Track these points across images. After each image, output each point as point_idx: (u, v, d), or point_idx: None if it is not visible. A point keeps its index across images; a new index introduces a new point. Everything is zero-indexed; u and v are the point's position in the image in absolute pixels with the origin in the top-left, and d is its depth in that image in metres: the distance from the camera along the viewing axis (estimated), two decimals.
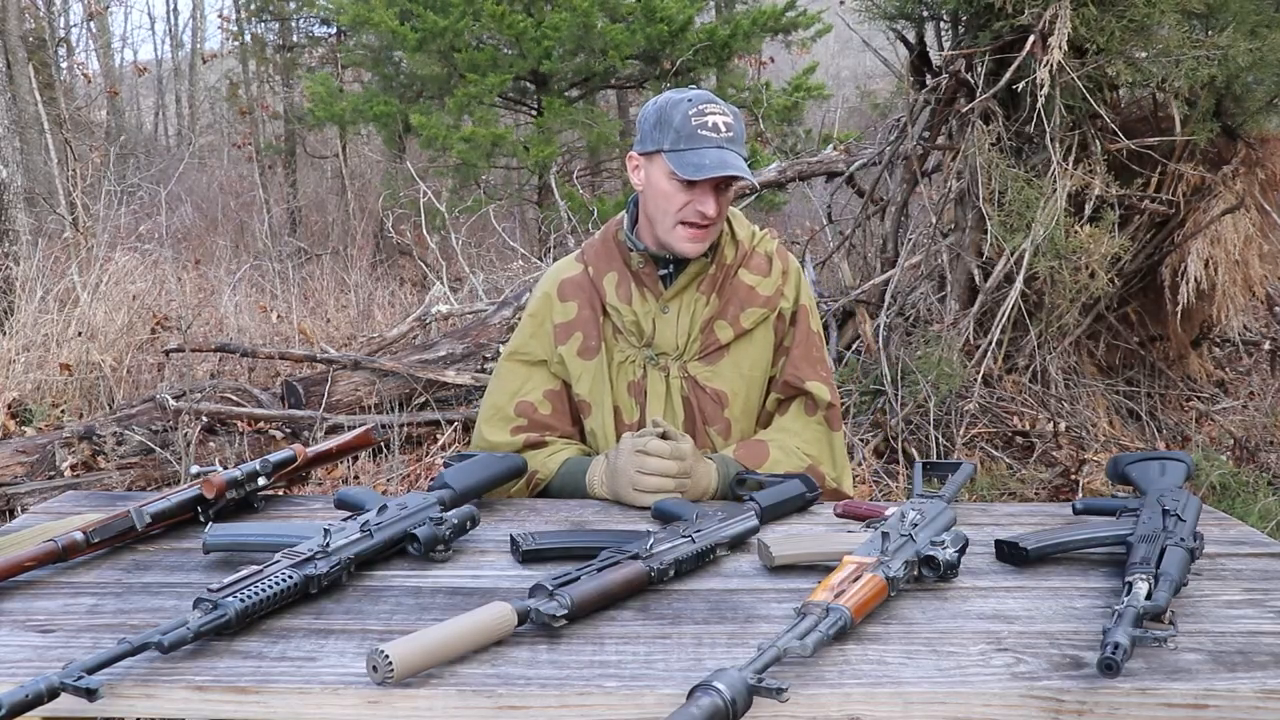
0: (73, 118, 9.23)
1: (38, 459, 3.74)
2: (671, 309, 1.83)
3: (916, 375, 3.76)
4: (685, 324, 1.83)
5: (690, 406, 1.84)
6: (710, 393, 1.84)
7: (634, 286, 1.84)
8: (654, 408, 1.83)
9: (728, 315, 1.84)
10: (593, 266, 1.89)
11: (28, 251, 5.70)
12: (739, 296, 1.84)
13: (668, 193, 1.74)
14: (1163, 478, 1.56)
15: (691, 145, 1.70)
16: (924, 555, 1.30)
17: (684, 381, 1.84)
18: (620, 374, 1.86)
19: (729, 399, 1.84)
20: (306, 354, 4.58)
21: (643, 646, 1.14)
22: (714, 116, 1.72)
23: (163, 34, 25.22)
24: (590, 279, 1.88)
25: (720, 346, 1.84)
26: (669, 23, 7.09)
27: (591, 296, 1.87)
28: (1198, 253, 3.96)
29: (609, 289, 1.85)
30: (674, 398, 1.84)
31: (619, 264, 1.86)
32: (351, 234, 8.68)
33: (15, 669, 1.08)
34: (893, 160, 4.46)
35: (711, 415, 1.84)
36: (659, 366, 1.84)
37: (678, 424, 1.83)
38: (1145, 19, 3.60)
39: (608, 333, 1.86)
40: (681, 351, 1.83)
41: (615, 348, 1.86)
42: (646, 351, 1.84)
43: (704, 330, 1.83)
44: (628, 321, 1.84)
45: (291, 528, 1.42)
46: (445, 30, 6.85)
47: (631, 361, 1.85)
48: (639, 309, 1.83)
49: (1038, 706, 1.04)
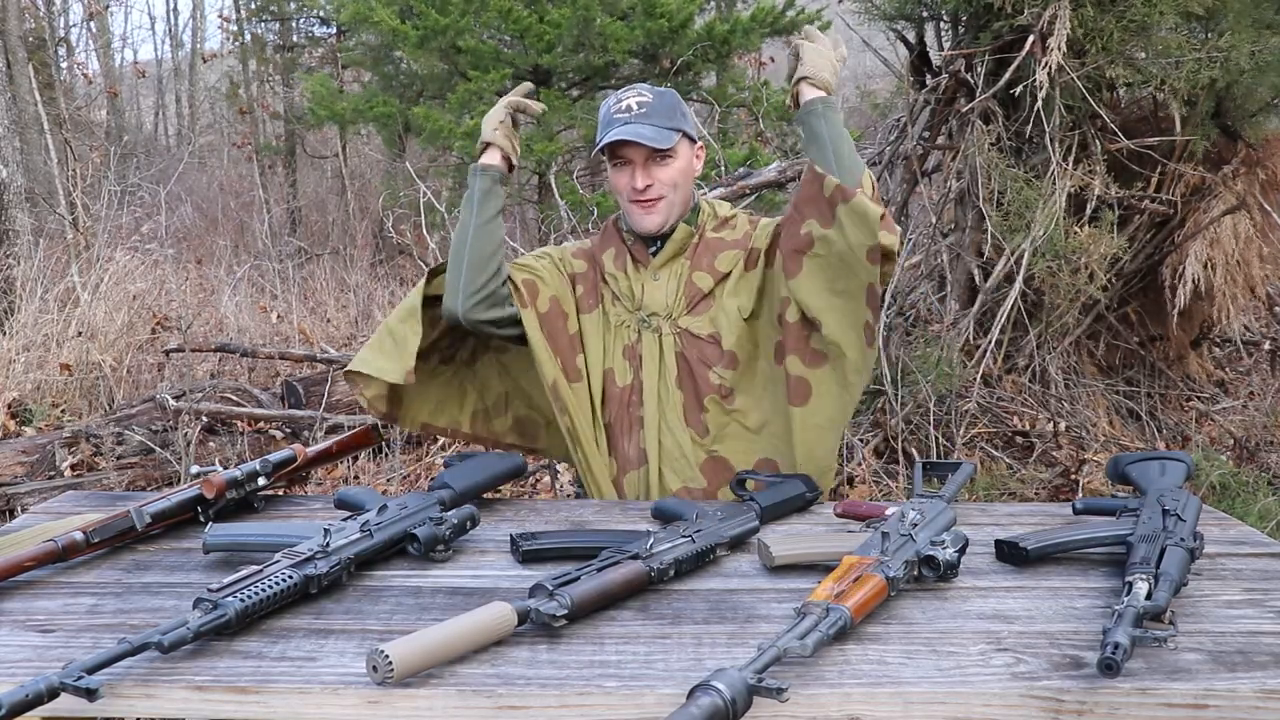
0: (73, 118, 9.23)
1: (38, 459, 3.74)
2: (661, 275, 1.96)
3: (916, 375, 3.75)
4: (672, 286, 1.95)
5: (685, 361, 1.92)
6: (705, 337, 1.92)
7: (628, 259, 1.99)
8: (649, 369, 1.92)
9: (703, 266, 1.95)
10: (596, 245, 2.06)
11: (28, 251, 5.71)
12: (710, 248, 1.96)
13: (612, 178, 1.93)
14: (1163, 478, 1.56)
15: (606, 129, 1.87)
16: (924, 555, 1.30)
17: (676, 337, 1.93)
18: (616, 337, 1.96)
19: (721, 335, 1.91)
20: (306, 354, 4.58)
21: (643, 646, 1.14)
22: (628, 99, 1.88)
23: (163, 34, 25.19)
24: (593, 253, 2.05)
25: (704, 295, 1.93)
26: (669, 18, 7.09)
27: (594, 264, 2.03)
28: (1197, 253, 3.95)
29: (607, 261, 2.00)
30: (667, 357, 1.93)
31: (616, 242, 2.02)
32: (351, 234, 8.68)
33: (15, 669, 1.08)
34: (893, 160, 4.46)
35: (711, 355, 1.91)
36: (651, 328, 1.94)
37: (670, 380, 1.92)
38: (1145, 20, 3.60)
39: (605, 298, 1.99)
40: (671, 310, 1.94)
41: (611, 311, 1.98)
42: (639, 314, 1.95)
43: (686, 285, 1.94)
44: (622, 287, 1.97)
45: (291, 528, 1.42)
46: (447, 28, 6.84)
47: (626, 325, 1.96)
48: (632, 276, 1.97)
49: (1038, 706, 1.04)
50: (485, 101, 7.00)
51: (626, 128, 1.84)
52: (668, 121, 1.87)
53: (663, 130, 1.85)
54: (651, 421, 1.90)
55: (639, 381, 1.93)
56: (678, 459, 1.89)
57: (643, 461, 1.90)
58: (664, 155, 1.87)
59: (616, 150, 1.89)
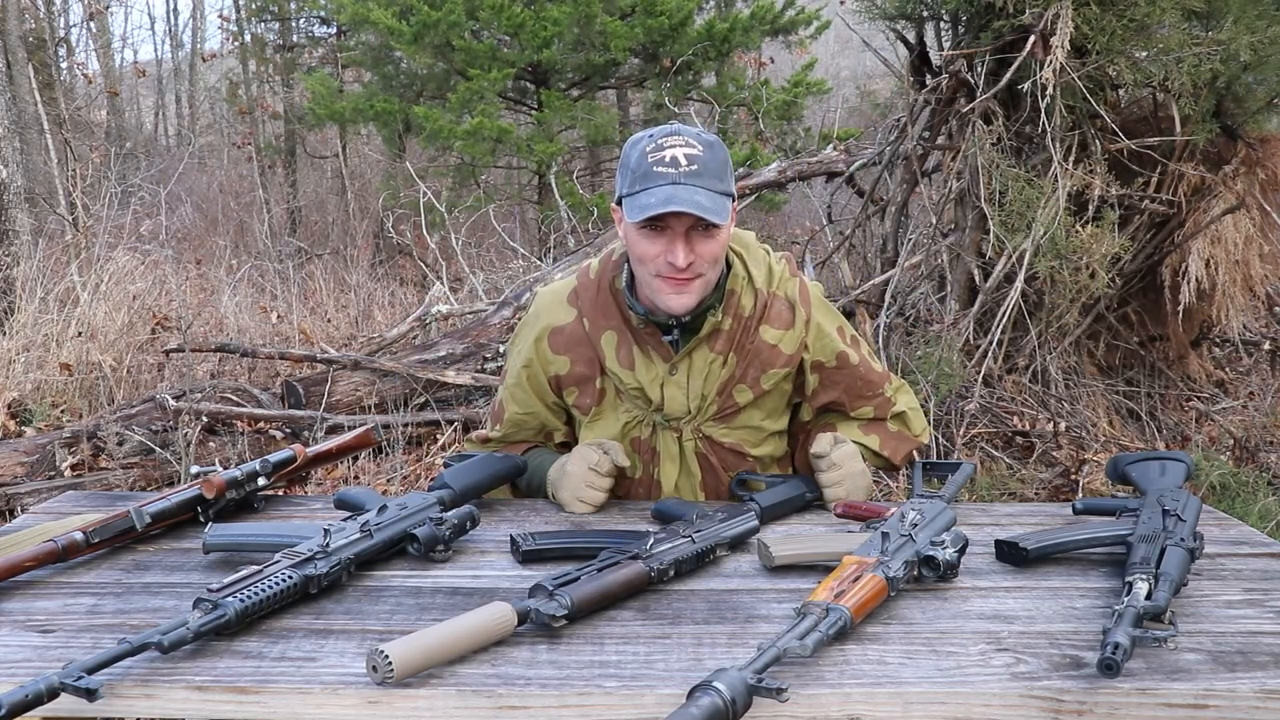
0: (72, 118, 9.23)
1: (38, 459, 3.74)
2: (681, 370, 1.65)
3: (917, 375, 3.75)
4: (698, 386, 1.66)
5: (707, 462, 1.74)
6: (728, 446, 1.74)
7: (636, 349, 1.66)
8: (666, 470, 1.73)
9: (747, 379, 1.67)
10: (588, 319, 1.68)
11: (28, 251, 5.71)
12: (761, 358, 1.66)
13: (636, 243, 1.55)
14: (1163, 478, 1.56)
15: (644, 185, 1.49)
16: (924, 555, 1.30)
17: (699, 441, 1.72)
18: (624, 433, 1.72)
19: (748, 447, 1.75)
20: (306, 354, 4.58)
21: (643, 646, 1.14)
22: (672, 150, 1.50)
23: (163, 34, 25.23)
24: (586, 334, 1.68)
25: (738, 409, 1.71)
26: (669, 17, 7.09)
27: (588, 355, 1.69)
28: (1198, 253, 3.95)
29: (608, 351, 1.67)
30: (689, 459, 1.73)
31: (617, 321, 1.66)
32: (351, 234, 8.68)
33: (15, 669, 1.08)
34: (893, 160, 4.46)
35: (734, 463, 1.76)
36: (670, 429, 1.71)
37: (694, 482, 1.74)
38: (1146, 19, 3.60)
39: (610, 393, 1.71)
40: (694, 415, 1.69)
41: (620, 407, 1.71)
42: (656, 416, 1.71)
43: (721, 393, 1.67)
44: (631, 388, 1.67)
45: (291, 528, 1.42)
46: (439, 23, 6.84)
47: (639, 422, 1.72)
48: (644, 376, 1.66)
49: (1038, 706, 1.04)
50: (485, 101, 7.00)
51: (678, 190, 1.46)
52: (720, 184, 1.51)
53: (717, 197, 1.49)
54: None
55: (654, 480, 1.75)
56: None
57: None
58: (711, 226, 1.51)
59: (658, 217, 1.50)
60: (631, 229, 1.54)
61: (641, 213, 1.48)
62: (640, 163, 1.52)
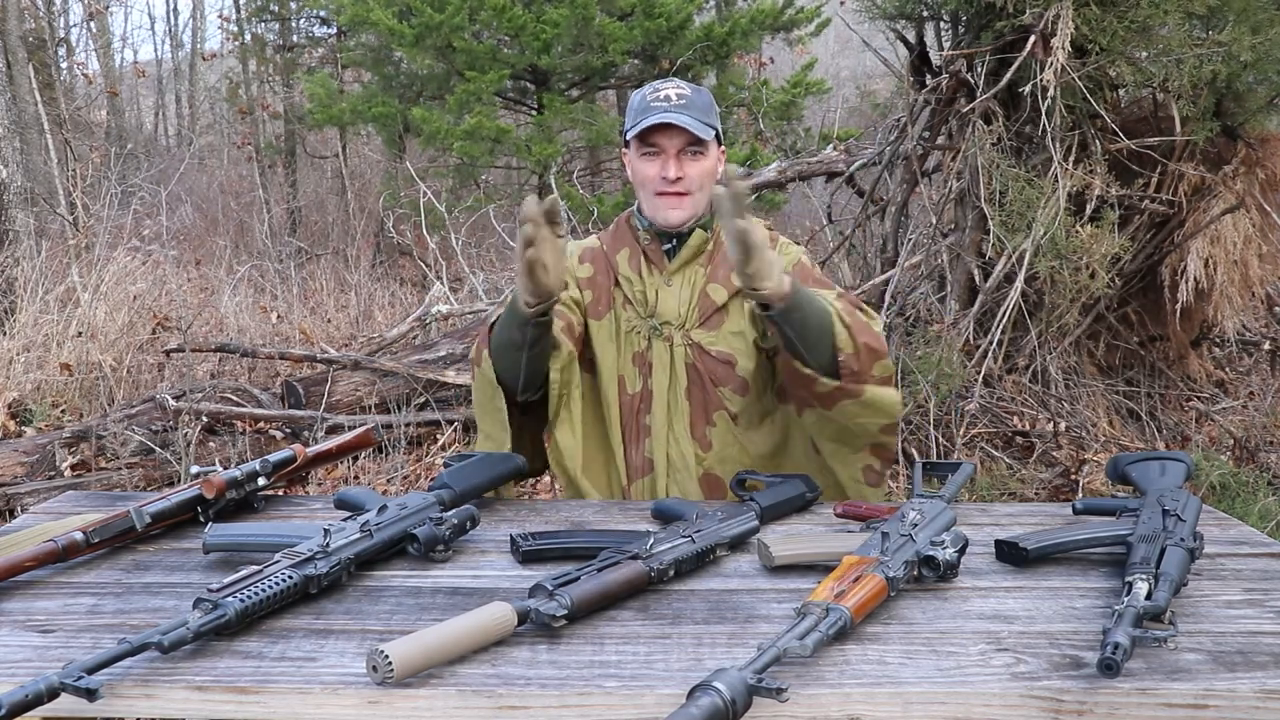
0: (72, 118, 9.23)
1: (38, 459, 3.74)
2: (674, 281, 1.91)
3: (916, 375, 3.75)
4: (686, 294, 1.90)
5: (696, 372, 1.88)
6: (716, 355, 1.88)
7: (642, 260, 1.94)
8: (659, 378, 1.89)
9: (718, 278, 1.89)
10: (608, 244, 2.00)
11: (28, 252, 5.71)
12: (727, 260, 1.85)
13: (639, 168, 1.86)
14: (1163, 478, 1.56)
15: (643, 117, 1.81)
16: (924, 555, 1.30)
17: (688, 349, 1.89)
18: (626, 343, 1.92)
19: (735, 359, 1.87)
20: (306, 354, 4.58)
21: (643, 646, 1.14)
22: (666, 90, 1.83)
23: (163, 34, 25.23)
24: (605, 253, 1.99)
25: (717, 309, 1.89)
26: (668, 18, 7.09)
27: (606, 266, 1.97)
28: (1197, 252, 3.96)
29: (621, 262, 1.95)
30: (678, 366, 1.89)
31: (630, 241, 1.97)
32: (351, 234, 8.68)
33: (15, 669, 1.08)
34: (893, 160, 4.46)
35: (722, 376, 1.88)
36: (663, 337, 1.90)
37: (680, 390, 1.88)
38: (1148, 20, 3.60)
39: (617, 301, 1.94)
40: (683, 320, 1.89)
41: (623, 316, 1.93)
42: (651, 322, 1.90)
43: (700, 296, 1.90)
44: (636, 291, 1.92)
45: (291, 528, 1.42)
46: (441, 25, 6.84)
47: (637, 331, 1.92)
48: (646, 280, 1.92)
49: (1038, 706, 1.04)
50: (484, 102, 7.01)
51: (669, 114, 1.78)
52: (706, 117, 1.83)
53: (702, 125, 1.81)
54: (660, 431, 1.88)
55: (648, 390, 1.90)
56: (680, 470, 1.88)
57: (648, 470, 1.89)
58: (697, 151, 1.83)
59: (650, 136, 1.82)
60: (635, 159, 1.87)
61: (638, 130, 1.81)
62: (640, 102, 1.85)
